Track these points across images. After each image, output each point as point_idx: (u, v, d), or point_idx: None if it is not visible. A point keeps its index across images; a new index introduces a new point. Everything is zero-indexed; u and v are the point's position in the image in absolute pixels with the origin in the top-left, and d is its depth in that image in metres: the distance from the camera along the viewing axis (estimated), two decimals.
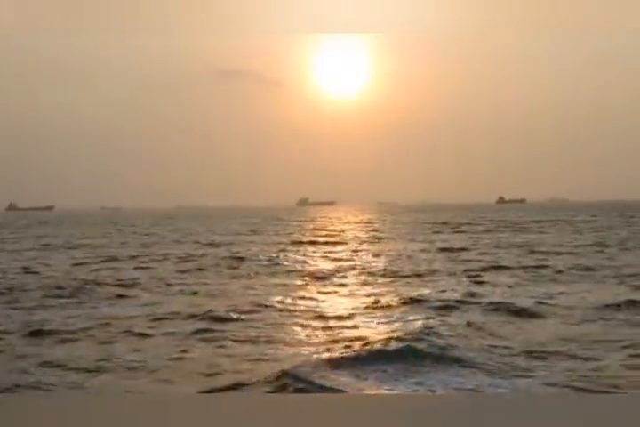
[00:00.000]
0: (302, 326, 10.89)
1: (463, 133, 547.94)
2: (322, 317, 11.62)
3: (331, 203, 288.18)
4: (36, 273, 19.87)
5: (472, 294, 13.83)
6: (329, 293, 14.82)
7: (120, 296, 14.73)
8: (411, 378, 7.58)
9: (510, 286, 15.26)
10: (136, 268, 21.29)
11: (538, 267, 19.30)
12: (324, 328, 10.60)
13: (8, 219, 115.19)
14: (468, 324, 10.50)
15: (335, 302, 13.34)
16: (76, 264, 22.85)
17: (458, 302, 12.89)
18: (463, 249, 26.93)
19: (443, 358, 8.31)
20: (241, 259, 23.98)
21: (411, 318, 11.26)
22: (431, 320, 10.86)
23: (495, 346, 9.14)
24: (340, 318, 11.50)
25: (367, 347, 8.88)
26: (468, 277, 17.21)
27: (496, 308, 12.10)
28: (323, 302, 13.47)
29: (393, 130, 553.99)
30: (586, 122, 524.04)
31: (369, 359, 8.22)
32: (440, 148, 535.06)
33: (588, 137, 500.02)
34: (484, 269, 18.93)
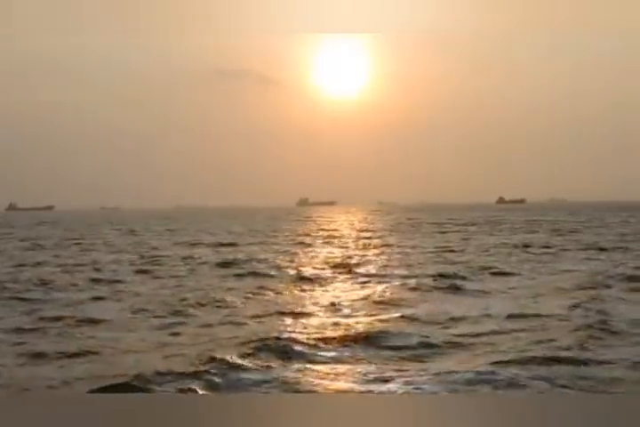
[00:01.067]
0: None
1: (463, 133, 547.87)
2: None
3: (331, 203, 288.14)
4: None
5: None
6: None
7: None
8: None
9: None
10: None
11: None
12: None
13: (7, 219, 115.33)
14: None
15: None
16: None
17: None
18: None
19: None
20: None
21: None
22: None
23: None
24: None
25: None
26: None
27: None
28: None
29: (393, 130, 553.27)
30: (586, 122, 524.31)
31: None
32: (440, 148, 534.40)
33: (589, 137, 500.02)
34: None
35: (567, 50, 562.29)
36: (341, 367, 8.39)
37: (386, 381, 7.69)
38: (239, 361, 8.44)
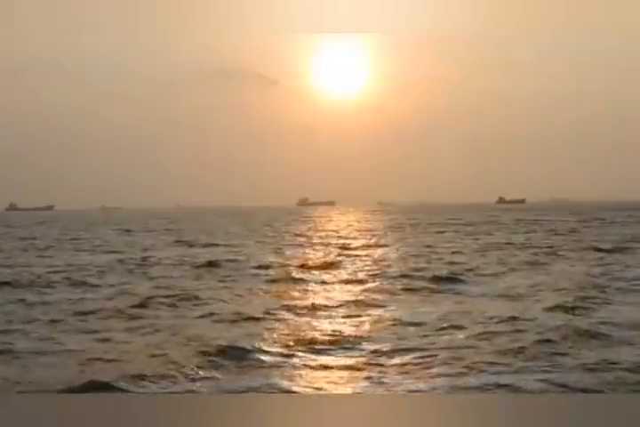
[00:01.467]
0: None
1: (463, 133, 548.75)
2: None
3: (331, 203, 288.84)
4: None
5: None
6: None
7: None
8: None
9: None
10: None
11: None
12: None
13: (7, 218, 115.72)
14: None
15: None
16: None
17: None
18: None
19: None
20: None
21: None
22: None
23: None
24: None
25: None
26: None
27: None
28: None
29: (393, 130, 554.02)
30: (586, 122, 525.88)
31: None
32: (440, 148, 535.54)
33: (589, 137, 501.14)
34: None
35: (567, 50, 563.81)
36: (317, 373, 8.19)
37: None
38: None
